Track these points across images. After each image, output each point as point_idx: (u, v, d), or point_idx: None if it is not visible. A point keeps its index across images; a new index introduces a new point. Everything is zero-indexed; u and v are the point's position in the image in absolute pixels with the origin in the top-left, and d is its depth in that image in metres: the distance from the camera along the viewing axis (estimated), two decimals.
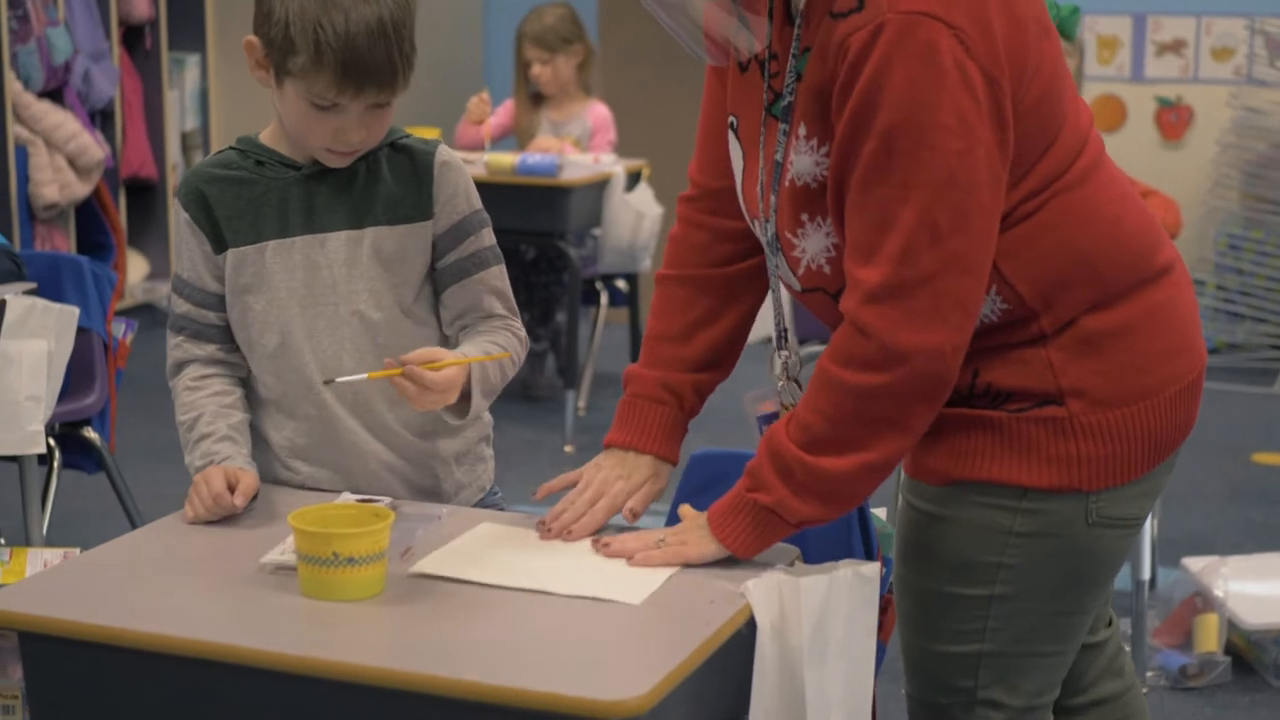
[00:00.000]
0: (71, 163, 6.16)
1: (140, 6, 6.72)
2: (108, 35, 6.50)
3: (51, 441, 3.58)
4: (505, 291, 2.28)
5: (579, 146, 5.68)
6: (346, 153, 2.18)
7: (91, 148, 6.17)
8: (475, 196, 2.27)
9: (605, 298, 5.85)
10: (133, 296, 6.79)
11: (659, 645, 1.76)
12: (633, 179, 5.62)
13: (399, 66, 2.10)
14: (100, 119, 6.54)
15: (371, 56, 2.07)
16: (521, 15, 5.78)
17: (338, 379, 2.12)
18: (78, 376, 3.60)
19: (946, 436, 2.00)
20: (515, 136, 5.82)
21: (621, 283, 5.87)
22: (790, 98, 1.96)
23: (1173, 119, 6.85)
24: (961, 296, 1.87)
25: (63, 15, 6.23)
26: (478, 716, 1.66)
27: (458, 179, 2.24)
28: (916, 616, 2.11)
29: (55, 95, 6.22)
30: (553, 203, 5.28)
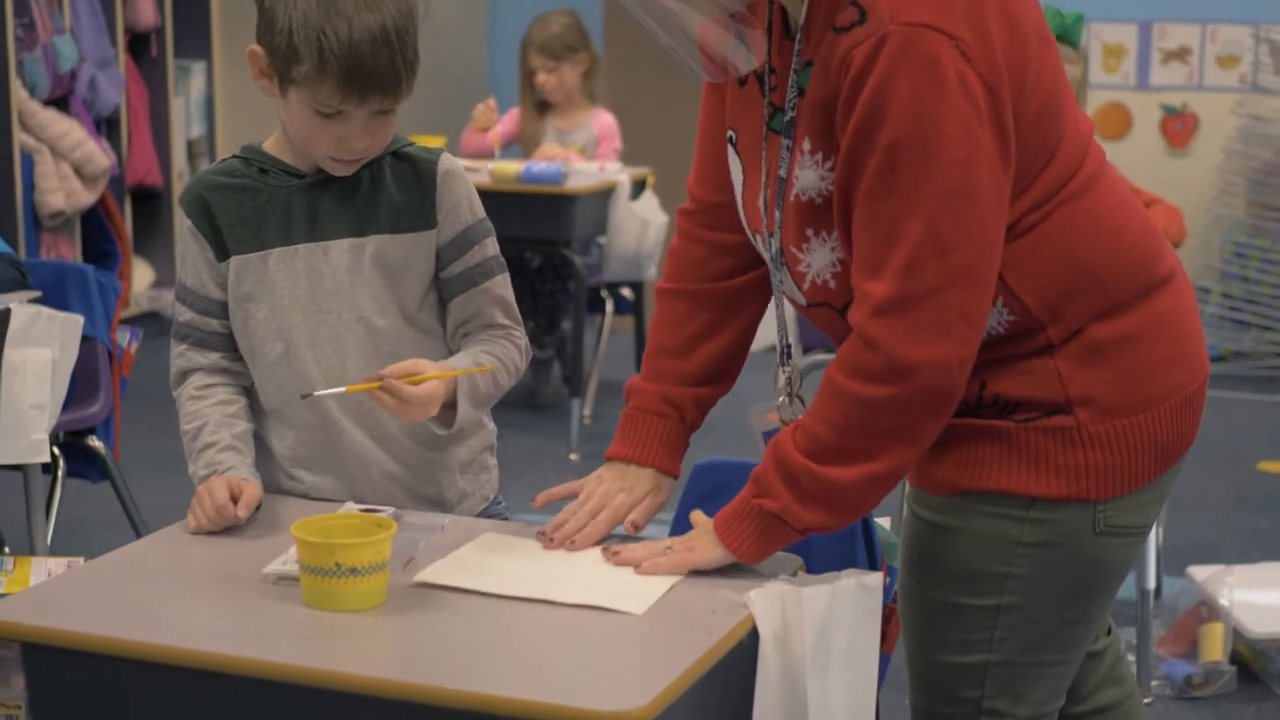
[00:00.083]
0: (77, 171, 6.15)
1: (146, 14, 6.72)
2: (113, 43, 6.50)
3: (56, 450, 3.58)
4: (508, 300, 2.28)
5: (584, 155, 5.68)
6: (350, 160, 2.18)
7: (97, 156, 6.17)
8: (478, 205, 2.27)
9: (610, 306, 5.84)
10: (138, 305, 6.79)
11: (661, 655, 1.75)
12: (638, 187, 5.62)
13: (402, 73, 2.10)
14: (106, 127, 6.54)
15: (375, 63, 2.07)
16: (527, 23, 5.78)
17: (315, 392, 2.12)
18: (82, 385, 3.59)
19: (953, 447, 2.00)
20: (520, 144, 5.82)
21: (627, 291, 5.86)
22: (792, 113, 1.96)
23: (1178, 126, 6.85)
24: (967, 309, 1.87)
25: (69, 23, 6.23)
26: None
27: (460, 188, 2.24)
28: (922, 627, 2.11)
29: (61, 103, 6.21)
30: (558, 211, 5.27)
